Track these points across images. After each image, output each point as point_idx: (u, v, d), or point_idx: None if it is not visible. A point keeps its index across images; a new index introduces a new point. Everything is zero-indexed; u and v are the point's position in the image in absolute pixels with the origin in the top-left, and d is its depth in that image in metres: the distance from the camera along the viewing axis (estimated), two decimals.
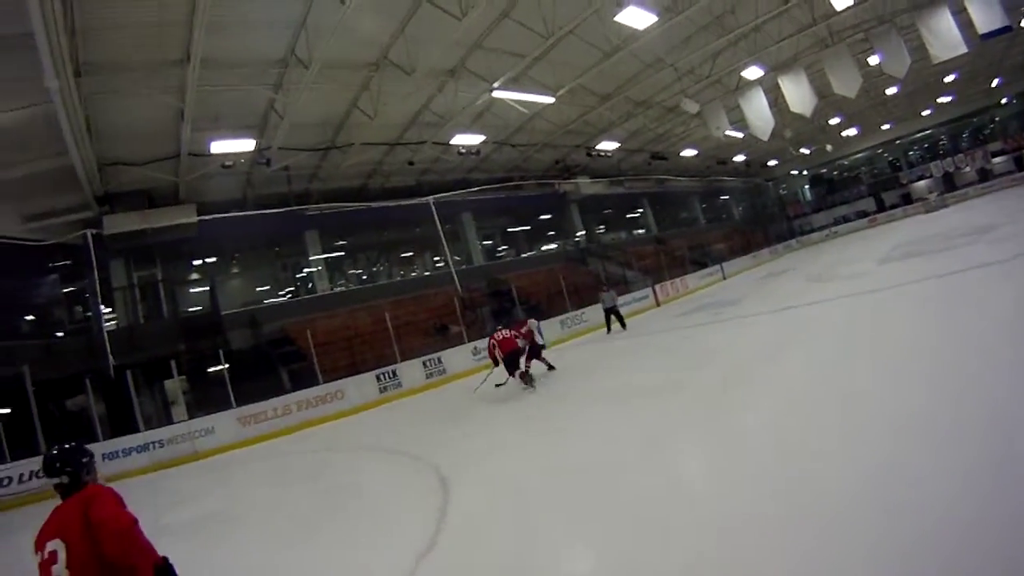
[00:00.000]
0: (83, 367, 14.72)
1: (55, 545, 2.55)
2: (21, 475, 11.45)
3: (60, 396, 14.54)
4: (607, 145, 25.69)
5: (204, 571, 5.00)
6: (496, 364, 11.48)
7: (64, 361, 15.22)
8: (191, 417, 13.72)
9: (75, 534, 2.55)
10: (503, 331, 11.32)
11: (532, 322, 12.16)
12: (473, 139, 19.50)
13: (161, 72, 11.87)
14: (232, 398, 13.99)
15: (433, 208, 22.47)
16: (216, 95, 13.30)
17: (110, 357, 14.58)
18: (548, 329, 16.80)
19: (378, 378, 15.39)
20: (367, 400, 14.88)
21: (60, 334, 18.00)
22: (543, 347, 12.49)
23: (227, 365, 14.33)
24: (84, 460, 2.87)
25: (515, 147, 23.63)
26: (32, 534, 2.75)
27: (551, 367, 12.25)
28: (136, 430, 13.25)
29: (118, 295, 17.54)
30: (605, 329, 18.59)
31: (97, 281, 16.10)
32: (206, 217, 17.61)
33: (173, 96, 12.57)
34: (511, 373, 11.12)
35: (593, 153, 26.04)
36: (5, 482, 11.42)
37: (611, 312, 18.26)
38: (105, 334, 15.29)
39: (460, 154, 20.13)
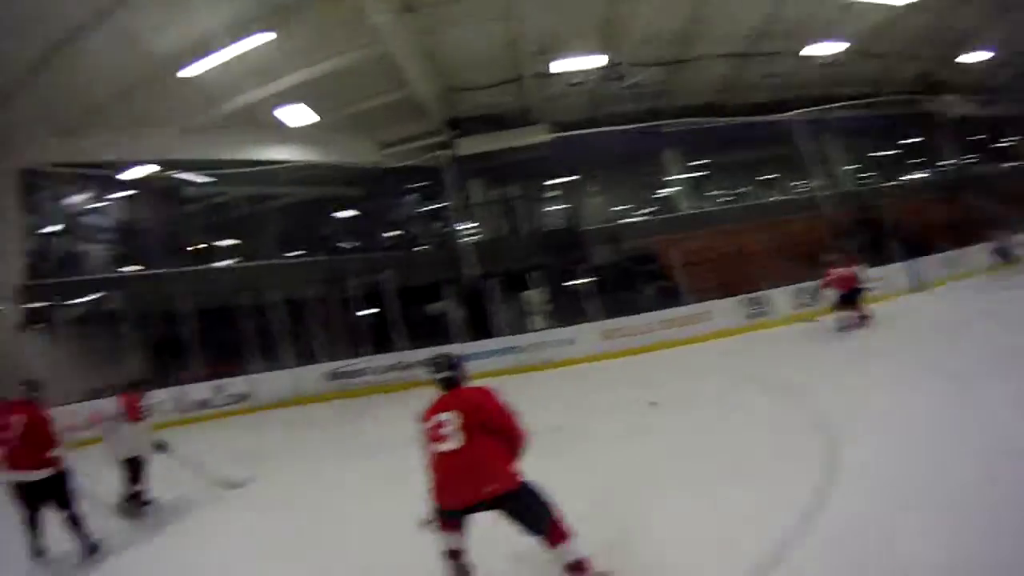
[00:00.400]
0: (443, 275, 16.12)
1: (448, 416, 3.33)
2: (379, 367, 13.11)
3: (421, 301, 15.98)
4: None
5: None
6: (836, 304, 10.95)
7: (426, 270, 16.83)
8: (549, 327, 13.72)
9: (467, 409, 3.36)
10: (838, 268, 10.97)
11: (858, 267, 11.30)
12: (831, 48, 16.78)
13: None
14: (594, 311, 13.83)
15: (791, 126, 19.76)
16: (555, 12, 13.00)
17: (470, 267, 15.67)
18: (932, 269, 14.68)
19: (744, 303, 13.76)
20: (734, 325, 13.38)
21: (421, 247, 19.93)
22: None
23: (593, 278, 14.24)
24: (463, 363, 3.68)
25: (877, 57, 19.42)
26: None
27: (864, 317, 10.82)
28: (492, 335, 13.83)
29: (475, 212, 18.70)
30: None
31: (455, 198, 17.70)
32: (558, 135, 17.58)
33: (504, 22, 12.69)
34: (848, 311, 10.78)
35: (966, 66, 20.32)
36: (363, 372, 13.12)
37: None
38: (465, 246, 16.66)
39: (819, 65, 17.52)
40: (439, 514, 3.31)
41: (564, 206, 21.01)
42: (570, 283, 15.00)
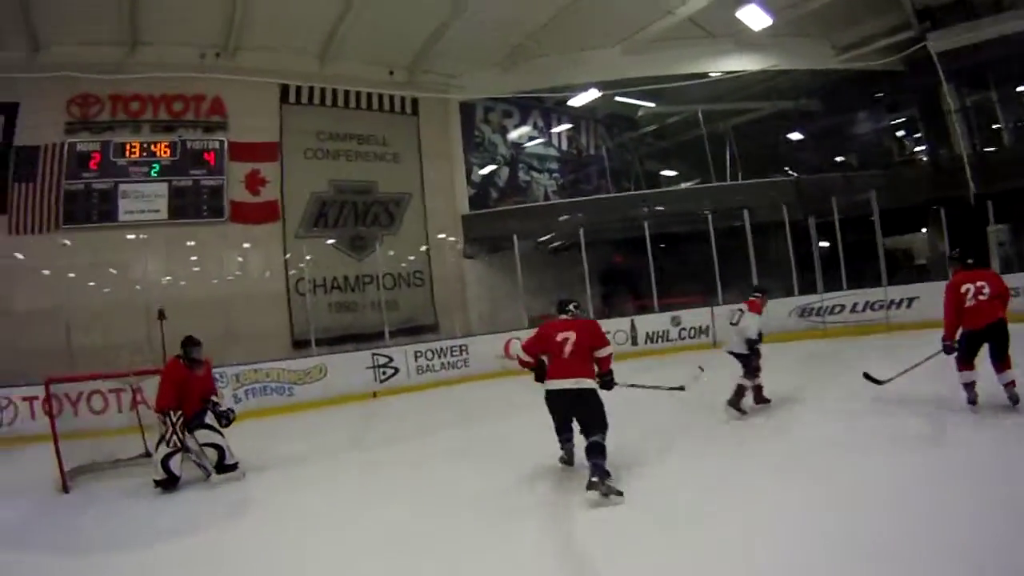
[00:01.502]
0: (923, 197, 13.84)
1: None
2: (855, 304, 11.52)
3: (899, 229, 14.37)
4: None
5: None
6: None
7: (899, 193, 14.03)
8: None
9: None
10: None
11: None
12: None
13: None
14: None
15: None
16: None
17: (970, 184, 12.99)
18: None
19: None
20: None
21: (898, 163, 16.92)
22: None
23: None
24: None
25: None
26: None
27: None
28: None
29: (951, 119, 15.04)
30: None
31: (948, 102, 14.50)
32: None
33: None
34: None
35: None
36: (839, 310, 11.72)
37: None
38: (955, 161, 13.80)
39: None
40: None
41: None
42: None
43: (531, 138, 16.58)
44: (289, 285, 12.68)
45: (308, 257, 12.51)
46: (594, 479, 4.23)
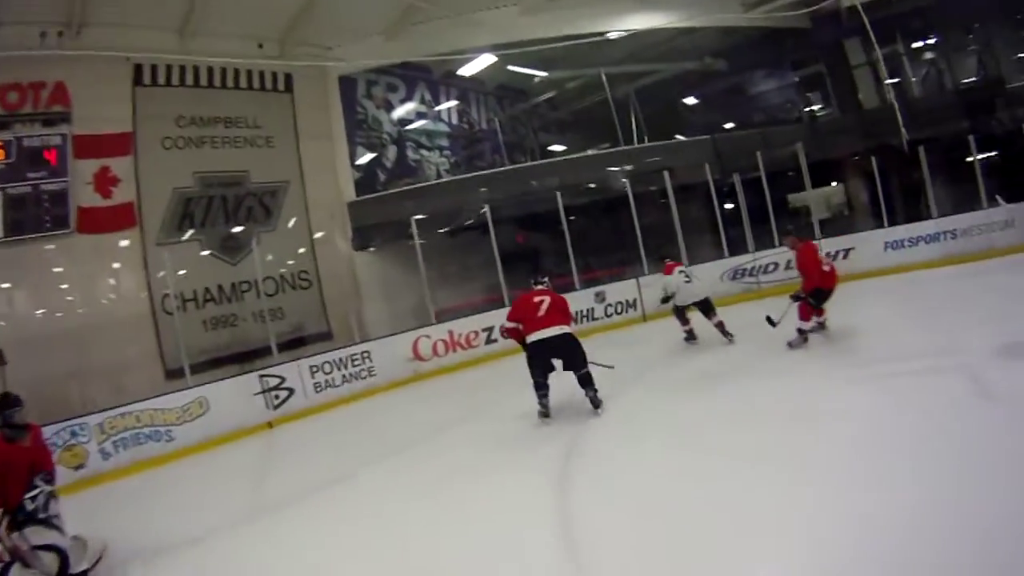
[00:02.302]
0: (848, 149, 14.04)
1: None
2: (789, 261, 10.31)
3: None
4: None
5: None
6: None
7: (822, 146, 14.37)
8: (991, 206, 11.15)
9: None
10: None
11: None
12: None
13: None
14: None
15: None
16: None
17: (903, 132, 12.96)
18: None
19: None
20: None
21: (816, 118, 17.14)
22: None
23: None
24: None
25: None
26: None
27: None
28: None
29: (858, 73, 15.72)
30: None
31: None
32: None
33: None
34: None
35: None
36: (772, 268, 11.51)
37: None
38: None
39: None
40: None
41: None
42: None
43: (419, 114, 15.31)
44: (154, 303, 10.95)
45: (182, 272, 10.97)
46: (592, 397, 6.05)
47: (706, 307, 8.24)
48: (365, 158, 14.20)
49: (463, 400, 8.46)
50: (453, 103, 16.07)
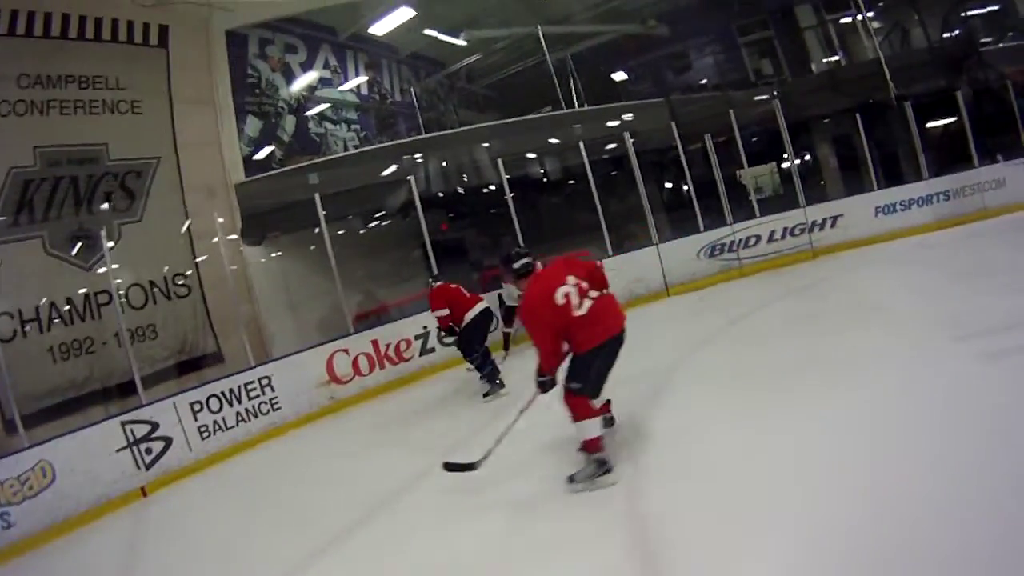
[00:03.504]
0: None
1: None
2: (772, 233, 10.27)
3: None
4: None
5: None
6: None
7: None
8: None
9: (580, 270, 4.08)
10: None
11: None
12: None
13: None
14: None
15: None
16: None
17: (891, 87, 12.43)
18: None
19: None
20: None
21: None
22: None
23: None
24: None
25: None
26: None
27: None
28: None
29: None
30: None
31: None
32: None
33: None
34: None
35: None
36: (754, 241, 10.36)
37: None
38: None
39: None
40: None
41: None
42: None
43: (323, 81, 12.94)
44: None
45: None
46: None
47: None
48: (257, 131, 11.71)
49: (401, 434, 6.61)
50: (362, 79, 13.91)
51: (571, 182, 11.12)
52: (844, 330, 6.00)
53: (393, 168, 11.36)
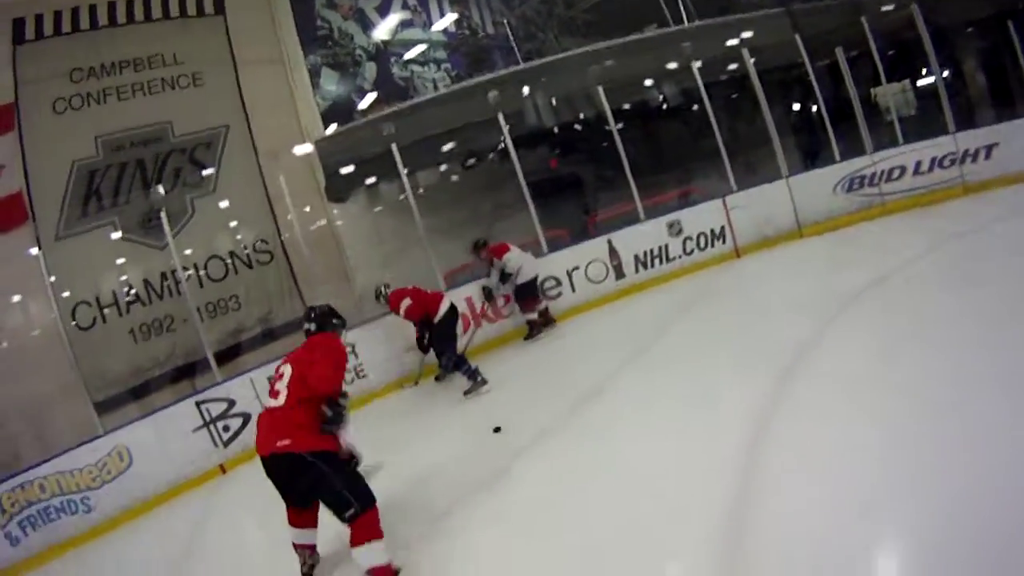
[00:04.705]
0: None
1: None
2: (918, 164, 8.47)
3: None
4: None
5: None
6: None
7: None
8: None
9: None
10: None
11: None
12: None
13: None
14: None
15: None
16: None
17: None
18: None
19: None
20: None
21: None
22: None
23: None
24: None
25: None
26: None
27: None
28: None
29: None
30: None
31: None
32: None
33: None
34: None
35: None
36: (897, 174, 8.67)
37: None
38: None
39: None
40: None
41: None
42: None
43: (403, 24, 12.11)
44: (61, 317, 7.80)
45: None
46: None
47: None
48: (332, 83, 11.14)
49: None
50: (447, 7, 12.96)
51: (690, 107, 9.58)
52: None
53: (484, 105, 10.23)
